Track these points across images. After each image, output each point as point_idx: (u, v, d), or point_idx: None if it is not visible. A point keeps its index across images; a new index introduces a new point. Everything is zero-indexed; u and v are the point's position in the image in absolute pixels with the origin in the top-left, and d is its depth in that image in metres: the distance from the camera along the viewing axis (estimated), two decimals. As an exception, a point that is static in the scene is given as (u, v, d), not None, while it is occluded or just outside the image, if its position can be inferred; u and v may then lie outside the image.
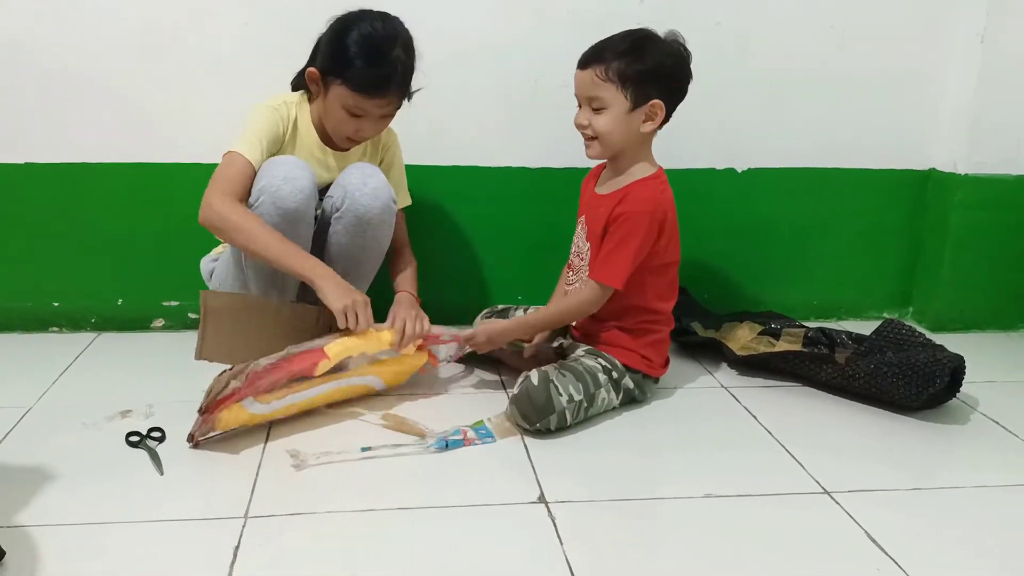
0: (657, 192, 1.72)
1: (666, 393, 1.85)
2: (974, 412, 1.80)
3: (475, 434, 1.62)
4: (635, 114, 1.67)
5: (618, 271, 1.68)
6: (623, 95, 1.65)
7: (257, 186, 1.71)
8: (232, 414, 1.55)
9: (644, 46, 1.66)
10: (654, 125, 1.69)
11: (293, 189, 1.69)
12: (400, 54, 1.71)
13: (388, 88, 1.72)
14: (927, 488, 1.50)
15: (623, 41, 1.66)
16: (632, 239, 1.68)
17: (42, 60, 2.00)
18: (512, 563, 1.25)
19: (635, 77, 1.64)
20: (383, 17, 1.74)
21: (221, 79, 2.05)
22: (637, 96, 1.65)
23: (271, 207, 1.69)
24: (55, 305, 2.15)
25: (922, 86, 2.26)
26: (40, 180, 2.07)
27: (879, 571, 1.25)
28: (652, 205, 1.69)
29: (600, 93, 1.65)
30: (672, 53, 1.68)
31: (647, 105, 1.66)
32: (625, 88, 1.64)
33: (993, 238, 2.27)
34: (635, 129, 1.68)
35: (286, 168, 1.71)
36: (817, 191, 2.30)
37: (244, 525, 1.32)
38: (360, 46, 1.69)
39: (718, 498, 1.44)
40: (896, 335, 1.89)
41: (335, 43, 1.72)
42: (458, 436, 1.60)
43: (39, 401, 1.75)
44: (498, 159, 2.18)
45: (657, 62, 1.65)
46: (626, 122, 1.67)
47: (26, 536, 1.27)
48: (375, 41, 1.70)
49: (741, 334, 2.06)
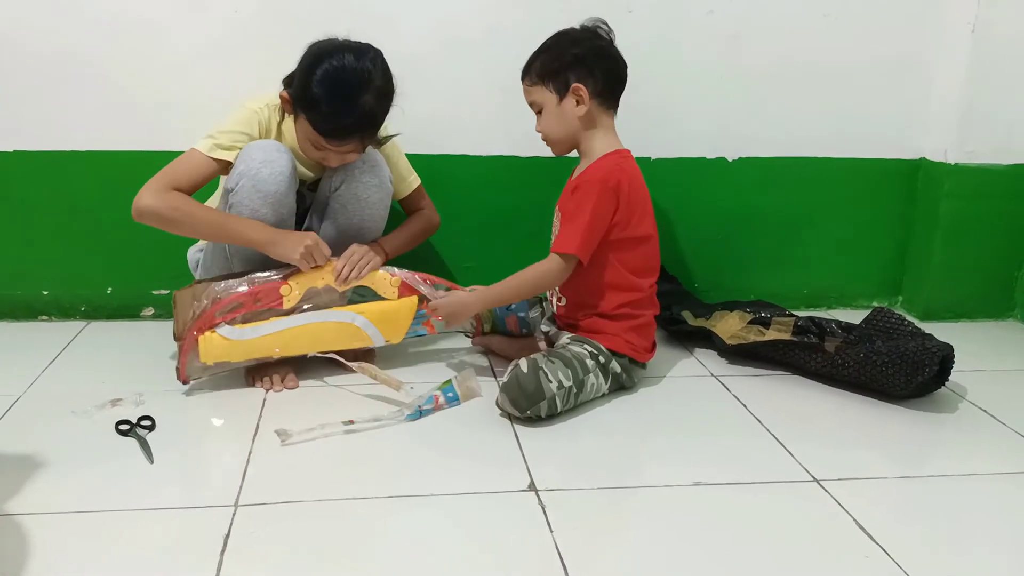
0: (611, 164, 1.73)
1: (656, 381, 1.86)
2: (963, 400, 1.81)
3: (444, 398, 1.68)
4: (564, 103, 1.73)
5: (573, 238, 1.69)
6: (548, 90, 1.73)
7: (236, 171, 1.70)
8: (212, 344, 1.59)
9: (557, 41, 1.74)
10: (585, 106, 1.72)
11: (273, 171, 1.69)
12: (369, 100, 1.65)
13: (351, 137, 1.69)
14: (915, 476, 1.51)
15: (541, 45, 1.76)
16: (584, 207, 1.69)
17: (32, 47, 1.99)
18: (502, 551, 1.26)
19: (551, 70, 1.72)
20: (358, 53, 1.66)
21: (212, 67, 2.04)
22: (558, 86, 1.72)
23: (252, 191, 1.69)
24: (45, 293, 2.15)
25: (913, 75, 2.26)
26: (30, 168, 2.06)
27: (867, 558, 1.25)
28: (603, 173, 1.71)
29: (534, 97, 1.76)
30: (581, 39, 1.73)
31: (570, 90, 1.71)
32: (547, 84, 1.73)
33: (983, 227, 2.28)
34: (570, 116, 1.73)
35: (264, 152, 1.70)
36: (808, 180, 2.30)
37: (234, 513, 1.32)
38: (326, 88, 1.63)
39: (707, 486, 1.44)
40: (886, 324, 1.89)
41: (303, 78, 1.66)
42: (430, 405, 1.66)
43: (28, 389, 1.75)
44: (489, 148, 2.17)
45: (564, 50, 1.72)
46: (559, 113, 1.74)
47: (15, 525, 1.27)
48: (342, 85, 1.64)
49: (731, 323, 2.07)
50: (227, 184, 1.72)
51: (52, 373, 1.84)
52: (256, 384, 1.77)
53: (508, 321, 1.95)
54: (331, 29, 1.71)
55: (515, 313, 1.93)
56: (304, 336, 1.74)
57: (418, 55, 2.00)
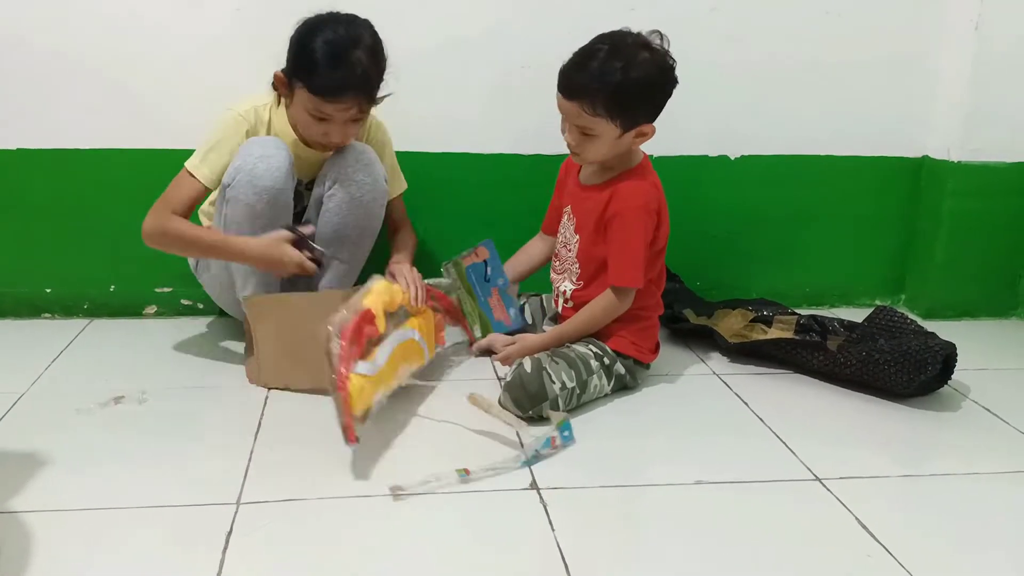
0: (646, 183, 1.72)
1: (658, 380, 1.86)
2: (965, 399, 1.80)
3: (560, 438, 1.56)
4: (624, 137, 1.67)
5: (633, 271, 1.70)
6: (612, 125, 1.64)
7: (233, 165, 1.71)
8: (356, 387, 1.46)
9: (629, 76, 1.60)
10: (646, 139, 1.70)
11: (269, 167, 1.69)
12: (361, 57, 1.67)
13: (347, 91, 1.68)
14: (918, 475, 1.51)
15: (607, 72, 1.60)
16: (635, 236, 1.69)
17: (34, 44, 1.99)
18: (504, 549, 1.26)
19: (622, 108, 1.62)
20: (349, 20, 1.70)
21: (214, 65, 2.04)
22: (626, 123, 1.65)
23: (247, 186, 1.69)
24: (48, 291, 2.15)
25: (916, 73, 2.26)
26: (32, 166, 2.06)
27: (869, 557, 1.25)
28: (644, 198, 1.70)
29: (588, 124, 1.64)
30: (657, 72, 1.64)
31: (635, 129, 1.66)
32: (613, 119, 1.63)
33: (986, 225, 2.27)
34: (624, 146, 1.70)
35: (262, 148, 1.71)
36: (810, 178, 2.30)
37: (236, 511, 1.32)
38: (320, 50, 1.66)
39: (709, 484, 1.44)
40: (888, 322, 1.89)
41: (297, 46, 1.70)
42: (548, 449, 1.53)
43: (31, 387, 1.75)
44: (490, 146, 2.17)
45: (643, 89, 1.63)
46: (616, 144, 1.68)
47: (19, 522, 1.27)
48: (336, 44, 1.66)
49: (733, 321, 2.07)
50: (224, 179, 1.73)
51: (55, 371, 1.84)
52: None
53: (491, 301, 1.95)
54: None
55: (493, 284, 1.93)
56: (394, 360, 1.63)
57: (419, 52, 2.00)
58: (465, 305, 1.95)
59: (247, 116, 1.77)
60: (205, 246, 1.77)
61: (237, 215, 1.73)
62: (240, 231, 1.73)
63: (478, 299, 1.95)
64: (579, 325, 1.76)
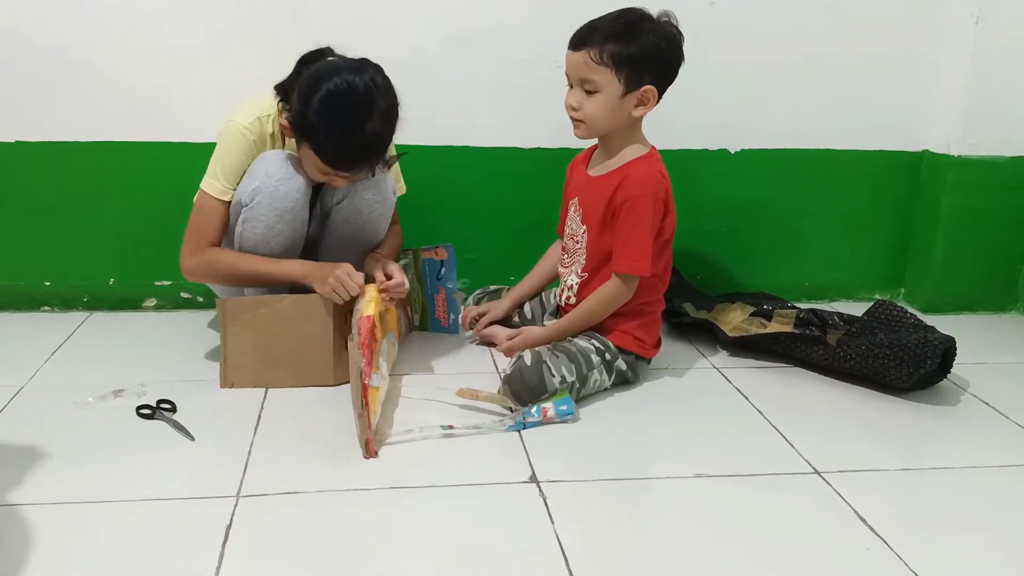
0: (655, 171, 1.71)
1: (658, 374, 1.86)
2: (964, 393, 1.80)
3: (555, 411, 1.59)
4: (628, 98, 1.65)
5: (640, 258, 1.68)
6: (617, 79, 1.62)
7: (251, 185, 1.68)
8: (373, 401, 1.51)
9: (639, 28, 1.62)
10: (646, 110, 1.67)
11: (290, 189, 1.68)
12: (374, 126, 1.59)
13: (357, 165, 1.65)
14: (917, 468, 1.51)
15: (618, 22, 1.62)
16: (642, 223, 1.67)
17: (33, 38, 1.99)
18: (504, 542, 1.26)
19: (630, 60, 1.61)
20: (357, 72, 1.59)
21: (213, 58, 2.03)
22: (631, 80, 1.62)
23: (268, 208, 1.68)
24: (47, 284, 2.15)
25: (916, 67, 2.25)
26: (31, 159, 2.06)
27: (869, 550, 1.25)
28: (653, 185, 1.68)
29: (593, 76, 1.62)
30: (667, 35, 1.64)
31: (640, 90, 1.64)
32: (619, 72, 1.61)
33: (986, 220, 2.27)
34: (626, 113, 1.67)
35: (282, 169, 1.69)
36: (810, 172, 2.30)
37: (236, 505, 1.32)
38: (327, 118, 1.57)
39: (709, 478, 1.44)
40: (888, 316, 1.89)
41: (302, 105, 1.59)
42: (536, 417, 1.58)
43: (31, 380, 1.75)
44: (492, 140, 2.17)
45: (652, 44, 1.62)
46: (618, 106, 1.65)
47: (18, 515, 1.27)
48: (344, 112, 1.57)
49: (733, 315, 2.07)
50: (240, 197, 1.70)
51: (54, 364, 1.84)
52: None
53: (436, 298, 1.98)
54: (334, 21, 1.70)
55: (443, 284, 1.95)
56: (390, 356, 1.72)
57: (422, 47, 2.00)
58: (412, 291, 1.98)
59: (252, 128, 1.73)
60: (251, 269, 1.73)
61: (255, 234, 1.71)
62: (255, 249, 1.73)
63: (426, 291, 2.00)
64: (582, 316, 1.76)
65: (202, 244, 1.74)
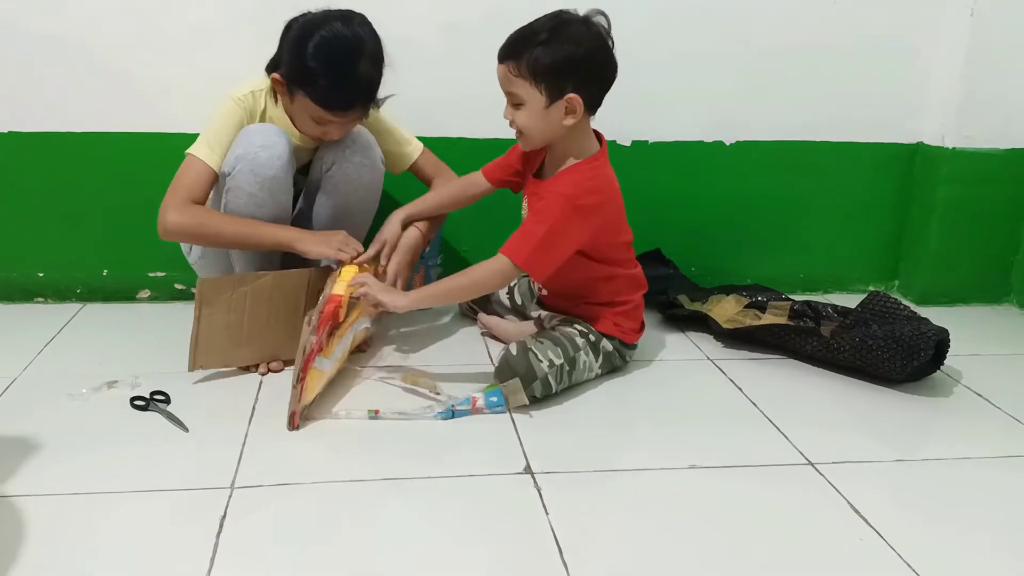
0: (585, 177, 1.63)
1: (651, 365, 1.86)
2: (958, 385, 1.81)
3: (484, 401, 1.60)
4: (553, 109, 1.58)
5: (522, 248, 1.60)
6: (537, 91, 1.56)
7: (234, 154, 1.69)
8: (312, 379, 1.54)
9: (558, 35, 1.55)
10: (575, 118, 1.59)
11: (271, 156, 1.68)
12: (366, 66, 1.65)
13: (353, 105, 1.68)
14: (910, 460, 1.52)
15: (537, 31, 1.56)
16: (543, 220, 1.60)
17: (27, 27, 1.98)
18: (498, 533, 1.26)
19: (546, 71, 1.55)
20: (345, 20, 1.65)
21: (208, 48, 2.03)
22: (551, 91, 1.56)
23: (249, 175, 1.68)
24: (40, 275, 2.14)
25: (911, 59, 2.25)
26: (25, 149, 2.05)
27: (862, 541, 1.26)
28: (573, 189, 1.61)
29: (515, 89, 1.58)
30: (584, 40, 1.56)
31: (563, 99, 1.57)
32: (538, 84, 1.56)
33: (980, 212, 2.28)
34: (556, 123, 1.60)
35: (263, 136, 1.70)
36: (805, 164, 2.30)
37: (230, 495, 1.32)
38: (322, 61, 1.62)
39: (702, 469, 1.45)
40: (881, 308, 1.90)
41: (295, 54, 1.65)
42: (465, 406, 1.60)
43: (24, 372, 1.75)
44: (485, 131, 2.16)
45: (568, 53, 1.54)
46: (544, 117, 1.59)
47: (11, 506, 1.27)
48: (338, 58, 1.63)
49: (727, 307, 2.07)
50: (223, 168, 1.71)
51: (48, 355, 1.84)
52: (250, 369, 1.77)
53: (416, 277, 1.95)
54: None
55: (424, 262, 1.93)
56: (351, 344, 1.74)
57: (415, 37, 1.99)
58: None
59: (244, 100, 1.75)
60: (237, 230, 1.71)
61: (238, 204, 1.71)
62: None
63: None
64: (452, 287, 1.66)
65: (188, 200, 1.70)
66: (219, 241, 1.75)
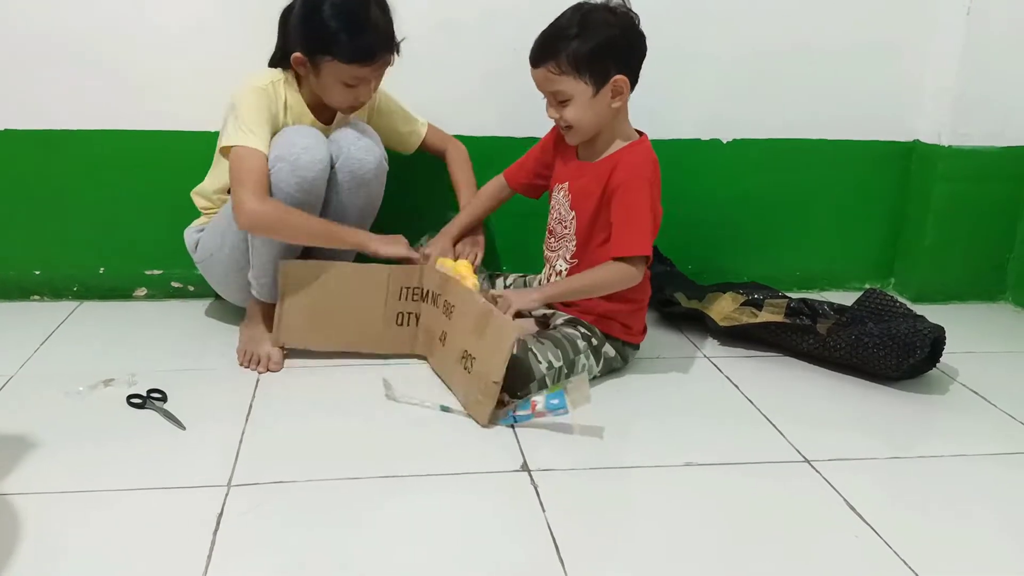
0: (647, 157, 1.70)
1: (648, 363, 1.86)
2: (953, 382, 1.81)
3: (545, 404, 1.53)
4: (601, 95, 1.63)
5: (642, 239, 1.65)
6: (583, 82, 1.61)
7: (274, 153, 1.70)
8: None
9: (589, 22, 1.60)
10: (623, 99, 1.65)
11: (312, 159, 1.70)
12: (377, 14, 1.71)
13: (378, 51, 1.72)
14: (906, 457, 1.52)
15: (566, 26, 1.61)
16: (639, 205, 1.65)
17: (21, 24, 1.97)
18: (495, 530, 1.27)
19: (589, 61, 1.59)
20: None
21: (203, 45, 2.02)
22: (596, 78, 1.61)
23: (289, 175, 1.68)
24: (37, 273, 2.14)
25: (907, 58, 2.26)
26: (21, 147, 2.05)
27: (857, 538, 1.26)
28: (649, 168, 1.68)
29: (559, 87, 1.62)
30: (617, 22, 1.62)
31: (610, 83, 1.62)
32: (582, 74, 1.60)
33: (975, 210, 2.28)
34: (606, 108, 1.65)
35: (304, 139, 1.71)
36: (802, 162, 2.30)
37: (227, 493, 1.32)
38: (338, 19, 1.67)
39: (699, 466, 1.45)
40: (878, 305, 1.90)
41: (312, 22, 1.70)
42: (526, 411, 1.55)
43: (20, 369, 1.74)
44: (484, 129, 2.16)
45: (605, 37, 1.60)
46: (594, 106, 1.64)
47: (8, 504, 1.27)
48: (352, 10, 1.69)
49: (724, 305, 2.07)
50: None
51: (44, 353, 1.84)
52: (249, 366, 1.77)
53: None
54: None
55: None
56: None
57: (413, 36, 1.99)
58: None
59: (268, 90, 1.75)
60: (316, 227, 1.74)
61: None
62: None
63: None
64: (585, 284, 1.72)
65: (262, 188, 1.69)
66: (298, 236, 1.75)
